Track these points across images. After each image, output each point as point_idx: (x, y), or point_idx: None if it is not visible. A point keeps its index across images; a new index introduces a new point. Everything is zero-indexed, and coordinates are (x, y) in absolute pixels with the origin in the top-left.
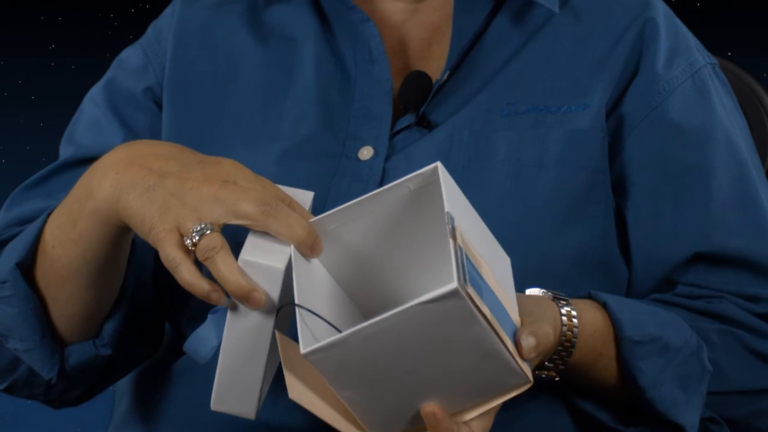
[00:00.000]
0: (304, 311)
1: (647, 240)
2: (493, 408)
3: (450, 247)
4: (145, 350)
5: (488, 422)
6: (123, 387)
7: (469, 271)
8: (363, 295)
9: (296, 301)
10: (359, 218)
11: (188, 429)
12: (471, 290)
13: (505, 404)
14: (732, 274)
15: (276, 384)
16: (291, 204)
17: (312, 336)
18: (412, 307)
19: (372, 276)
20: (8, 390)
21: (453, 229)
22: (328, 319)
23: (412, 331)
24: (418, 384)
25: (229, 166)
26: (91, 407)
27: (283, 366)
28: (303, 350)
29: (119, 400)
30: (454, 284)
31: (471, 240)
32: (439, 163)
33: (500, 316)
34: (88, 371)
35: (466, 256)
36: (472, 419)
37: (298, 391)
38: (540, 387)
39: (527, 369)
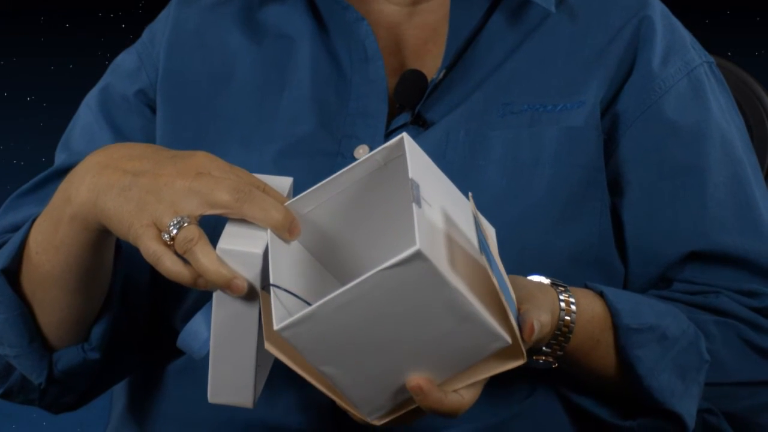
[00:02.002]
0: (279, 291)
1: (643, 238)
2: (482, 379)
3: (413, 212)
4: (139, 357)
5: (477, 391)
6: (120, 387)
7: (483, 247)
8: (344, 271)
9: (271, 282)
10: (333, 196)
11: (185, 428)
12: (483, 260)
13: (502, 404)
14: (728, 272)
15: (274, 384)
16: (266, 190)
17: (287, 313)
18: (376, 273)
19: (350, 251)
20: (4, 396)
21: (418, 195)
22: (310, 298)
23: (382, 298)
24: (397, 355)
25: (202, 158)
26: (90, 407)
27: (264, 328)
28: (276, 327)
29: (116, 399)
30: (416, 246)
31: (447, 208)
32: (405, 134)
33: (504, 290)
34: (78, 376)
35: (477, 224)
36: (461, 388)
37: (275, 344)
38: (536, 386)
39: (506, 331)
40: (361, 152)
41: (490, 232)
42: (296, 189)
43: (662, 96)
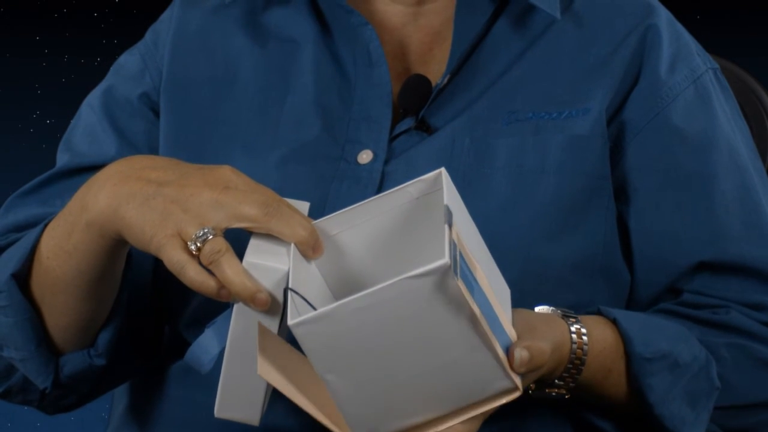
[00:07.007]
0: (296, 297)
1: (650, 246)
2: (480, 414)
3: (445, 231)
4: (140, 361)
5: (474, 427)
6: (121, 388)
7: (461, 266)
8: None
9: (290, 286)
10: (360, 225)
11: (186, 430)
12: (461, 283)
13: (506, 413)
14: (736, 282)
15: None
16: (291, 207)
17: (299, 315)
18: (400, 280)
19: (366, 281)
20: (3, 396)
21: (450, 221)
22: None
23: (400, 309)
24: (402, 377)
25: (228, 172)
26: (90, 407)
27: (258, 352)
28: (290, 321)
29: (117, 401)
30: (444, 260)
31: (471, 253)
32: (443, 169)
33: (491, 320)
34: (82, 380)
35: (460, 253)
36: (457, 423)
37: (267, 370)
38: (542, 398)
39: (516, 375)
40: (365, 157)
41: (505, 291)
42: (300, 194)
43: (669, 104)
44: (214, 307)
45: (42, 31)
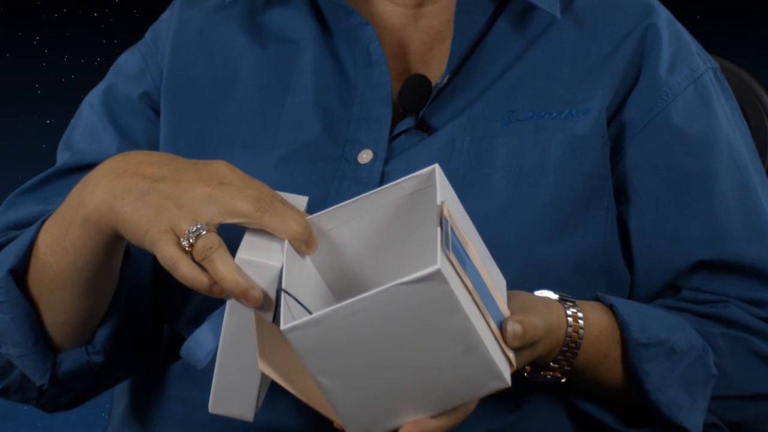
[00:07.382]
0: (289, 298)
1: (650, 246)
2: (468, 405)
3: (438, 233)
4: (139, 359)
5: (470, 407)
6: (121, 387)
7: (453, 242)
8: (349, 296)
9: (284, 287)
10: (354, 220)
11: (186, 429)
12: (452, 256)
13: (504, 407)
14: (735, 280)
15: (274, 386)
16: (285, 202)
17: (293, 318)
18: (392, 287)
19: (363, 281)
20: (1, 393)
21: (441, 209)
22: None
23: (393, 314)
24: (395, 379)
25: (222, 167)
26: (90, 407)
27: (257, 342)
28: (283, 326)
29: (118, 400)
30: (436, 265)
31: (467, 242)
32: (437, 165)
33: (484, 295)
34: (80, 378)
35: (452, 229)
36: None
37: (267, 365)
38: (539, 389)
39: (508, 365)
40: (365, 157)
41: (501, 281)
42: (300, 193)
43: (669, 104)
44: (213, 307)
45: (42, 31)
